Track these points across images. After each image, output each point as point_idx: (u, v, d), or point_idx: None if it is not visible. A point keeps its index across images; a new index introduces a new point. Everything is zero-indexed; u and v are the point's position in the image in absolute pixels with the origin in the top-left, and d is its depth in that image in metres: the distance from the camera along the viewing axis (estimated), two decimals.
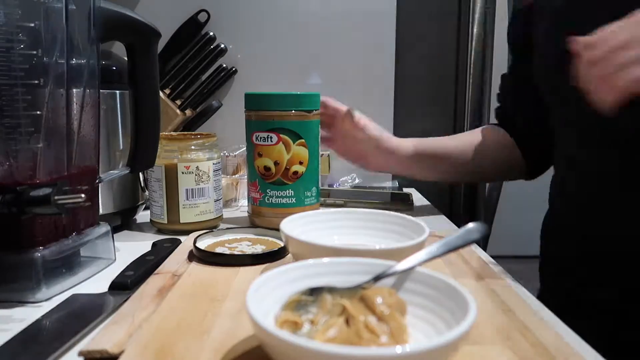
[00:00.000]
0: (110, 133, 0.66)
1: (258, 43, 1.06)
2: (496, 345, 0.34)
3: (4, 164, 0.45)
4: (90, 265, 0.51)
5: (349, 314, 0.32)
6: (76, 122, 0.49)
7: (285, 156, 0.66)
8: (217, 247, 0.55)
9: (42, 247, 0.45)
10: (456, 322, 0.31)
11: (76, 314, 0.41)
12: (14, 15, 0.44)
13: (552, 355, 0.33)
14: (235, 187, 0.83)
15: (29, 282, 0.44)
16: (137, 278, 0.47)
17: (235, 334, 0.36)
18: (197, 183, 0.66)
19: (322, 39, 1.08)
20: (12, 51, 0.43)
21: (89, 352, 0.34)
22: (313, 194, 0.69)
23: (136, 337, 0.35)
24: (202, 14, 1.03)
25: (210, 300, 0.42)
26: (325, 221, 0.53)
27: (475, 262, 0.52)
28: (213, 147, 0.68)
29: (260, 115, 0.66)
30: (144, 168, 0.63)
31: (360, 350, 0.26)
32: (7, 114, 0.44)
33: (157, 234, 0.68)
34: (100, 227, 0.54)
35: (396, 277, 0.37)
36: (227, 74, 1.05)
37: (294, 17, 1.07)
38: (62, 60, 0.47)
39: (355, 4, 1.07)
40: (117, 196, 0.68)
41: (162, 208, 0.66)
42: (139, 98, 0.59)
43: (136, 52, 0.57)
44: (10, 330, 0.38)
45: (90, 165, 0.52)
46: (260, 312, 0.30)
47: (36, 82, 0.45)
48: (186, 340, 0.35)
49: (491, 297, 0.43)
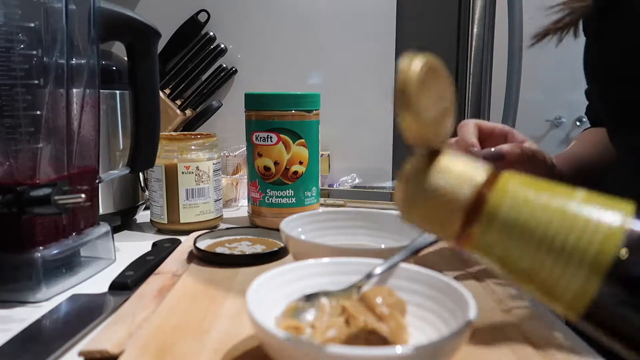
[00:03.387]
0: (110, 133, 0.66)
1: (258, 43, 1.07)
2: (496, 345, 0.34)
3: (4, 164, 0.45)
4: (90, 265, 0.51)
5: (349, 314, 0.32)
6: (76, 122, 0.49)
7: (285, 156, 0.66)
8: (217, 247, 0.55)
9: (42, 247, 0.45)
10: (456, 322, 0.31)
11: (76, 314, 0.41)
12: (14, 15, 0.44)
13: (552, 355, 0.33)
14: (235, 187, 0.83)
15: (29, 282, 0.44)
16: (137, 278, 0.47)
17: (235, 334, 0.36)
18: (197, 183, 0.66)
19: (322, 38, 1.08)
20: (12, 51, 0.43)
21: (89, 352, 0.34)
22: (313, 194, 0.69)
23: (136, 337, 0.35)
24: (202, 14, 1.03)
25: (210, 300, 0.42)
26: (325, 221, 0.53)
27: (475, 262, 0.52)
28: (213, 147, 0.68)
29: (260, 115, 0.66)
30: (144, 168, 0.63)
31: (360, 351, 0.26)
32: (7, 114, 0.44)
33: (157, 234, 0.68)
34: (100, 227, 0.54)
35: (396, 277, 0.37)
36: (227, 74, 1.05)
37: (294, 17, 1.07)
38: (62, 60, 0.47)
39: (356, 4, 1.07)
40: (117, 196, 0.68)
41: (162, 208, 0.66)
42: (139, 98, 0.59)
43: (136, 52, 0.57)
44: (10, 330, 0.38)
45: (90, 165, 0.52)
46: (260, 312, 0.30)
47: (36, 82, 0.45)
48: (186, 340, 0.35)
49: (491, 297, 0.43)
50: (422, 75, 0.24)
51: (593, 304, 0.20)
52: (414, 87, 0.23)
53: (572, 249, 0.21)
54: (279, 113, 0.66)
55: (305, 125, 0.66)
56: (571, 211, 0.21)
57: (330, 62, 1.09)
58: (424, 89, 0.24)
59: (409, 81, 0.23)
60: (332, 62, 1.09)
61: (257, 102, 0.67)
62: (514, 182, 0.24)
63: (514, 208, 0.23)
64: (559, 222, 0.21)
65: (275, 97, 0.66)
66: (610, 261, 0.20)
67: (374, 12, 1.08)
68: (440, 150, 0.26)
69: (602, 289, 0.20)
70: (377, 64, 1.10)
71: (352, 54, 1.09)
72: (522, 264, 0.22)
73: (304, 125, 0.66)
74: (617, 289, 0.20)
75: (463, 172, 0.25)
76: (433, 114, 0.25)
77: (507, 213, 0.23)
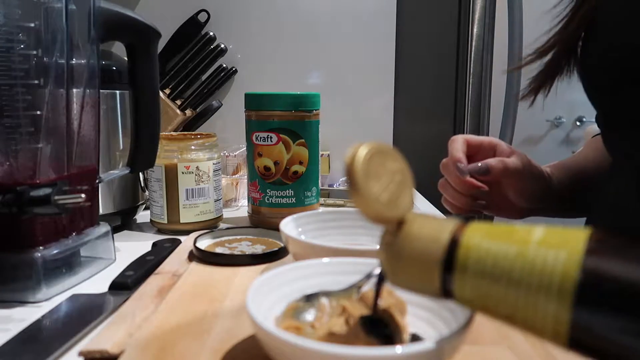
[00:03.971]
0: (110, 133, 0.66)
1: (258, 43, 1.07)
2: (496, 345, 0.34)
3: (4, 164, 0.45)
4: (90, 265, 0.51)
5: (349, 314, 0.32)
6: (76, 122, 0.49)
7: (285, 156, 0.66)
8: (217, 247, 0.55)
9: (42, 247, 0.45)
10: (456, 322, 0.31)
11: (76, 314, 0.41)
12: (14, 15, 0.44)
13: (552, 355, 0.33)
14: (235, 187, 0.83)
15: (29, 282, 0.44)
16: (137, 278, 0.47)
17: (235, 334, 0.36)
18: (197, 183, 0.66)
19: (322, 39, 1.08)
20: (12, 51, 0.43)
21: (89, 352, 0.34)
22: (313, 194, 0.69)
23: (136, 337, 0.35)
24: (202, 14, 1.03)
25: (210, 300, 0.42)
26: (325, 221, 0.53)
27: None
28: (213, 147, 0.68)
29: (260, 115, 0.66)
30: (144, 168, 0.63)
31: (360, 350, 0.26)
32: (7, 114, 0.44)
33: (157, 234, 0.68)
34: (100, 227, 0.54)
35: None
36: (227, 74, 1.05)
37: (294, 17, 1.07)
38: (62, 60, 0.47)
39: (356, 4, 1.08)
40: (117, 196, 0.68)
41: (162, 208, 0.66)
42: (139, 98, 0.59)
43: (136, 52, 0.57)
44: (10, 330, 0.38)
45: (90, 165, 0.52)
46: (260, 312, 0.30)
47: (36, 82, 0.45)
48: (186, 340, 0.35)
49: None
50: (367, 163, 0.27)
51: (573, 332, 0.22)
52: (360, 177, 0.26)
53: (537, 288, 0.22)
54: (279, 113, 0.66)
55: (305, 125, 0.66)
56: (530, 254, 0.23)
57: (330, 62, 1.09)
58: (371, 175, 0.27)
59: (354, 172, 0.26)
60: (332, 62, 1.09)
61: (257, 102, 0.67)
62: (476, 236, 0.25)
63: (480, 261, 0.24)
64: (520, 266, 0.23)
65: (275, 97, 0.66)
66: (572, 289, 0.22)
67: (374, 12, 1.08)
68: (405, 219, 0.28)
69: (574, 317, 0.22)
70: (377, 64, 1.10)
71: (352, 54, 1.09)
72: (501, 310, 0.24)
73: (304, 125, 0.66)
74: (587, 313, 0.22)
75: (430, 234, 0.27)
76: (386, 196, 0.27)
77: (475, 267, 0.25)
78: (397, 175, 0.29)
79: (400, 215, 0.28)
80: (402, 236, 0.27)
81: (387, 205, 0.27)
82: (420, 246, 0.26)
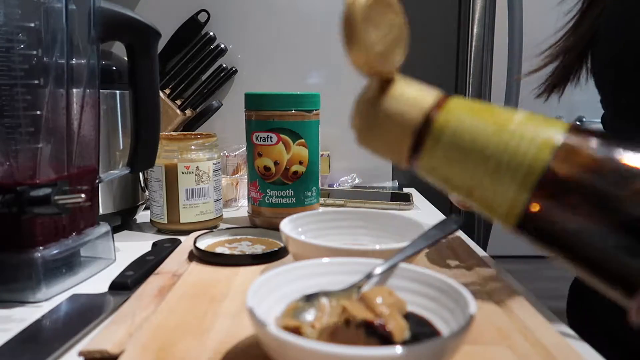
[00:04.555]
0: (110, 133, 0.66)
1: (258, 43, 1.06)
2: (496, 345, 0.34)
3: (4, 164, 0.45)
4: (90, 265, 0.51)
5: (349, 314, 0.32)
6: (76, 122, 0.49)
7: (285, 156, 0.66)
8: (217, 247, 0.55)
9: (42, 247, 0.45)
10: (456, 321, 0.31)
11: (76, 314, 0.41)
12: (14, 15, 0.44)
13: (552, 355, 0.33)
14: (235, 187, 0.83)
15: (29, 282, 0.44)
16: (137, 278, 0.47)
17: (235, 334, 0.36)
18: (197, 183, 0.66)
19: (322, 39, 1.08)
20: (12, 51, 0.43)
21: (89, 352, 0.34)
22: (313, 194, 0.69)
23: (136, 337, 0.35)
24: (202, 14, 1.03)
25: (210, 300, 0.42)
26: (325, 221, 0.53)
27: (475, 262, 0.52)
28: (213, 147, 0.68)
29: (260, 115, 0.66)
30: (144, 168, 0.63)
31: (360, 350, 0.26)
32: (7, 114, 0.44)
33: (157, 234, 0.68)
34: (100, 227, 0.54)
35: (396, 276, 0.37)
36: (227, 74, 1.05)
37: (294, 17, 1.07)
38: (62, 60, 0.47)
39: None
40: (117, 196, 0.68)
41: (162, 208, 0.66)
42: (139, 98, 0.59)
43: (136, 52, 0.57)
44: (10, 330, 0.38)
45: (90, 165, 0.52)
46: (261, 312, 0.30)
47: (36, 82, 0.45)
48: (186, 340, 0.35)
49: (491, 297, 0.43)
50: (368, 7, 0.24)
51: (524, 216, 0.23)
52: (359, 20, 0.24)
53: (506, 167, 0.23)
54: (279, 113, 0.66)
55: (305, 125, 0.66)
56: (508, 132, 0.23)
57: (330, 62, 1.09)
58: (370, 21, 0.25)
59: (353, 14, 0.24)
60: (332, 62, 1.09)
61: (257, 102, 0.67)
62: (459, 106, 0.25)
63: (456, 133, 0.25)
64: (495, 144, 0.23)
65: (275, 97, 0.66)
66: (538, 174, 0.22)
67: None
68: (392, 78, 0.27)
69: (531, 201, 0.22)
70: None
71: None
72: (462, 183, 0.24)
73: (304, 125, 0.66)
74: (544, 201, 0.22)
75: (413, 97, 0.26)
76: (381, 46, 0.26)
77: (452, 135, 0.25)
78: (394, 29, 0.27)
79: (389, 71, 0.27)
80: (384, 94, 0.27)
81: (380, 57, 0.26)
82: (401, 106, 0.26)
